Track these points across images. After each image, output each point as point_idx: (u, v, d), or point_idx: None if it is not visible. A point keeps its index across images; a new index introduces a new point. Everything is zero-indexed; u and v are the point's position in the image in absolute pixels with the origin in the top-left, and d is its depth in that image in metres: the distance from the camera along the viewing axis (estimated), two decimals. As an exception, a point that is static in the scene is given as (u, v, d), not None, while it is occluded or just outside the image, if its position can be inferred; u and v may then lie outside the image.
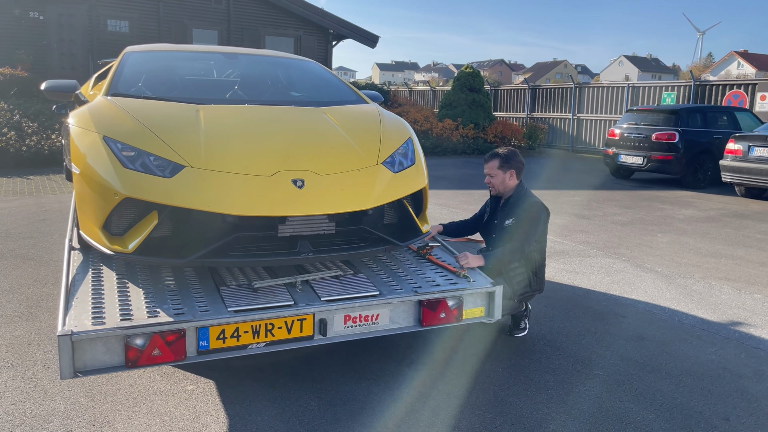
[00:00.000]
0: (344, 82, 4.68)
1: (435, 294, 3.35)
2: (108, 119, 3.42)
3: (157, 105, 3.65)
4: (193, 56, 4.68)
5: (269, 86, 4.50)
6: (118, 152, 3.16)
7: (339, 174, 3.32)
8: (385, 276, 3.58)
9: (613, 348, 3.93)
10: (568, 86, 20.10)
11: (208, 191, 3.02)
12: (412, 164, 3.68)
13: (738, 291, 5.22)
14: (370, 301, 3.22)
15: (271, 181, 3.13)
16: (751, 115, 12.91)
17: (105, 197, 3.08)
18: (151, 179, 3.05)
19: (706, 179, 11.78)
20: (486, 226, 4.20)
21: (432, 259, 3.84)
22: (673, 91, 17.05)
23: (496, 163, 3.99)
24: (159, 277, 3.33)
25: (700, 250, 6.73)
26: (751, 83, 15.57)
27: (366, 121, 3.92)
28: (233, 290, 3.20)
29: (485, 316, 3.56)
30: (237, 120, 3.61)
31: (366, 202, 3.27)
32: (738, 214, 9.10)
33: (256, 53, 4.92)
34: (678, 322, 4.45)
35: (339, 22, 21.56)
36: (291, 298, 3.15)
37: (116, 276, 3.33)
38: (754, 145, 9.88)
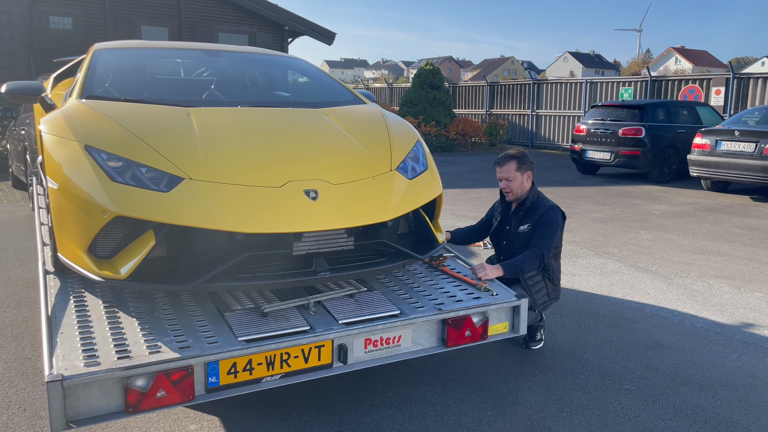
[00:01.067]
0: (337, 81, 4.35)
1: (460, 311, 3.08)
2: (87, 126, 3.01)
3: (142, 108, 3.25)
4: (172, 54, 4.26)
5: (259, 86, 4.13)
6: (103, 163, 2.76)
7: (353, 183, 3.00)
8: (401, 292, 3.28)
9: (635, 358, 3.74)
10: (527, 83, 20.16)
11: (212, 206, 2.66)
12: (425, 169, 3.39)
13: (738, 290, 5.14)
14: (393, 322, 2.92)
15: (282, 192, 2.79)
16: (710, 109, 13.13)
17: (91, 216, 2.68)
18: (144, 194, 2.66)
19: (671, 173, 11.91)
20: (497, 232, 3.95)
21: (447, 270, 3.57)
22: (630, 87, 17.28)
23: (513, 165, 3.74)
24: (153, 304, 2.95)
25: (686, 246, 6.67)
26: (706, 78, 15.89)
27: (371, 123, 3.61)
28: (240, 316, 2.85)
29: (509, 331, 3.31)
30: (233, 124, 3.24)
31: (385, 213, 2.97)
32: (709, 208, 9.17)
33: (239, 50, 4.53)
34: (690, 326, 4.31)
35: (294, 19, 21.06)
36: (306, 323, 2.82)
37: (102, 304, 2.93)
38: (721, 140, 9.99)
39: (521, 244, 3.74)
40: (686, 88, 15.96)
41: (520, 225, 3.76)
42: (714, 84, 15.44)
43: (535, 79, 19.90)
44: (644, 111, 11.78)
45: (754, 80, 14.82)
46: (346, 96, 4.12)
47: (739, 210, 9.01)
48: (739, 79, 15.01)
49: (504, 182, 3.74)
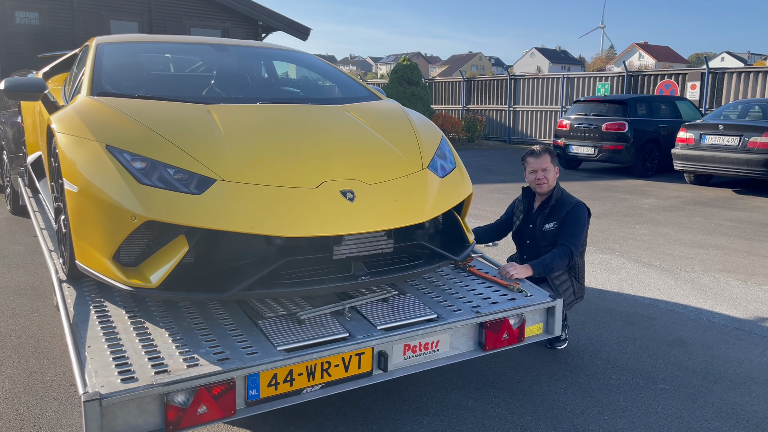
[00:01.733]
0: (350, 76, 4.21)
1: (498, 314, 2.98)
2: (106, 124, 2.82)
3: (160, 106, 3.07)
4: (178, 48, 4.06)
5: (272, 82, 3.97)
6: (127, 164, 2.59)
7: (388, 182, 2.88)
8: (433, 294, 3.17)
9: (662, 355, 3.70)
10: (503, 78, 20.22)
11: (249, 209, 2.51)
12: (454, 167, 3.29)
13: (744, 283, 5.16)
14: (432, 327, 2.81)
15: (319, 194, 2.66)
16: (689, 103, 13.31)
17: (117, 221, 2.51)
18: (176, 197, 2.50)
19: (653, 167, 12.03)
20: (520, 231, 3.86)
21: (475, 271, 3.47)
22: (606, 82, 17.44)
23: (548, 157, 3.67)
24: (179, 313, 2.78)
25: (683, 240, 6.71)
26: (681, 73, 16.13)
27: (395, 119, 3.48)
28: (274, 324, 2.70)
29: (543, 333, 3.23)
30: (257, 122, 3.09)
31: (422, 213, 2.85)
32: (696, 201, 9.27)
33: (246, 44, 4.36)
34: (707, 321, 4.30)
35: (268, 14, 20.73)
36: (344, 329, 2.70)
37: (126, 313, 2.75)
38: (705, 134, 10.11)
39: (547, 242, 3.66)
40: (662, 83, 16.18)
41: (546, 223, 3.68)
42: (689, 79, 15.68)
43: (512, 75, 19.96)
44: (627, 106, 11.87)
45: (729, 75, 15.09)
46: (362, 91, 3.98)
47: (725, 203, 9.12)
48: (714, 74, 15.26)
49: (540, 173, 3.66)
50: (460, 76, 21.72)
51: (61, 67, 4.92)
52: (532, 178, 3.73)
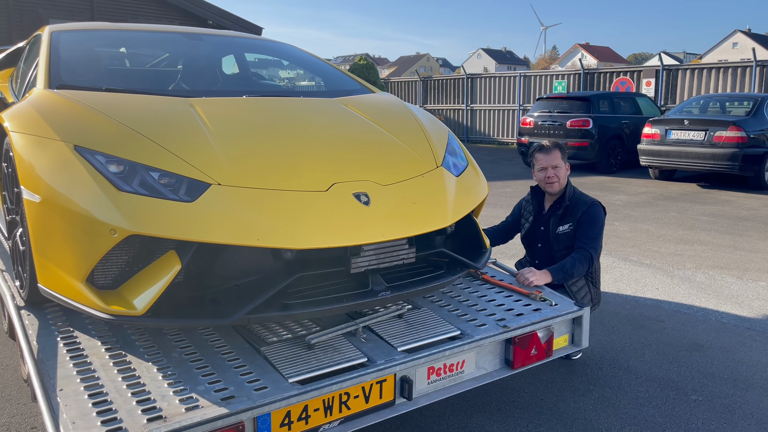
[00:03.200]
0: (337, 68, 3.84)
1: (526, 327, 2.67)
2: (71, 121, 2.38)
3: (133, 99, 2.64)
4: (146, 37, 3.60)
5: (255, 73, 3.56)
6: (102, 168, 2.16)
7: (403, 182, 2.54)
8: (451, 307, 2.84)
9: (683, 362, 3.47)
10: (461, 77, 20.10)
11: (252, 218, 2.12)
12: (467, 164, 2.97)
13: (740, 279, 5.03)
14: (459, 346, 2.48)
15: (330, 198, 2.29)
16: (648, 100, 13.43)
17: (93, 236, 2.08)
18: (163, 206, 2.09)
19: (617, 163, 12.04)
20: (530, 235, 3.57)
21: (489, 279, 3.16)
22: (563, 80, 17.52)
23: (558, 153, 3.39)
24: (166, 342, 2.36)
25: (665, 236, 6.59)
26: (636, 70, 16.32)
27: (399, 114, 3.14)
28: (280, 350, 2.32)
29: (570, 345, 2.94)
30: (246, 117, 2.70)
31: (445, 217, 2.52)
32: (665, 196, 9.25)
33: (222, 34, 3.93)
34: (717, 321, 4.11)
35: (219, 13, 20.07)
36: (361, 353, 2.34)
37: (102, 345, 2.31)
38: (671, 129, 10.13)
39: (562, 246, 3.38)
40: (618, 80, 16.33)
41: (560, 225, 3.40)
42: (644, 76, 15.86)
43: (468, 74, 19.86)
44: (590, 103, 11.84)
45: (683, 71, 15.33)
46: (353, 84, 3.62)
47: (694, 197, 9.12)
48: (668, 71, 15.48)
49: (550, 171, 3.37)
50: (417, 76, 21.52)
51: (7, 61, 4.38)
52: (542, 176, 3.45)
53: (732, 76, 14.39)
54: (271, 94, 3.11)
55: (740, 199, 8.94)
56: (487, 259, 2.85)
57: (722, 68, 14.69)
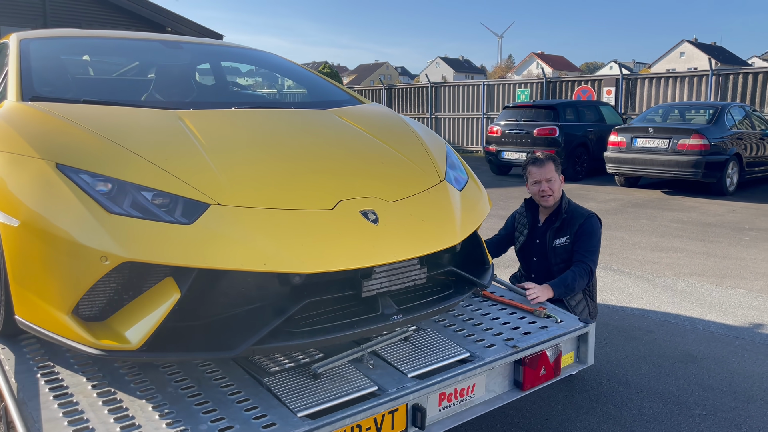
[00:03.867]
0: (322, 77, 3.69)
1: (536, 346, 2.58)
2: (50, 136, 2.19)
3: (116, 112, 2.45)
4: (122, 45, 3.38)
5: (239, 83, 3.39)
6: (88, 188, 1.98)
7: (409, 198, 2.42)
8: (455, 327, 2.73)
9: (680, 374, 3.44)
10: (425, 86, 20.14)
11: (257, 240, 1.97)
12: (467, 178, 2.87)
13: (719, 287, 5.07)
14: (471, 370, 2.36)
15: (336, 216, 2.15)
16: (611, 108, 13.66)
17: (82, 263, 1.89)
18: (159, 229, 1.92)
19: (583, 171, 12.19)
20: (526, 248, 3.48)
21: (489, 296, 3.05)
22: (526, 88, 17.71)
23: (552, 165, 3.31)
24: (159, 376, 2.18)
25: (640, 244, 6.63)
26: (597, 79, 16.62)
27: (396, 126, 3.02)
28: (284, 381, 2.16)
29: (575, 363, 2.86)
30: (239, 130, 2.54)
31: (454, 234, 2.41)
32: (633, 203, 9.37)
33: (201, 42, 3.74)
34: (705, 331, 4.11)
35: (177, 19, 19.63)
36: (371, 381, 2.20)
37: (88, 382, 2.11)
38: (636, 137, 10.29)
39: (559, 259, 3.31)
40: (579, 88, 16.59)
41: (556, 238, 3.33)
42: (605, 84, 16.16)
43: (432, 83, 19.92)
44: (557, 111, 11.96)
45: (641, 81, 15.67)
46: (341, 94, 3.49)
47: (661, 204, 9.27)
48: (628, 80, 15.81)
49: (544, 184, 3.29)
50: (381, 84, 21.47)
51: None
52: (536, 189, 3.37)
53: (689, 85, 14.77)
54: (260, 106, 2.96)
55: (704, 206, 9.11)
56: (491, 276, 2.75)
57: (679, 77, 15.08)
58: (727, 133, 9.90)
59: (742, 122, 10.54)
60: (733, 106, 10.57)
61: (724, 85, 14.18)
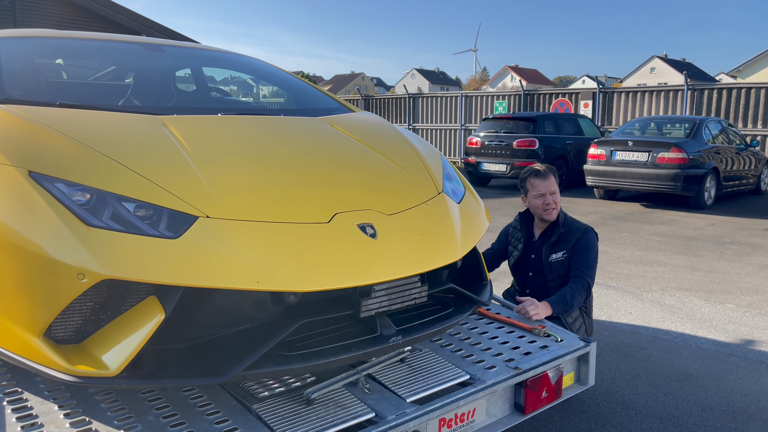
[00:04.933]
0: (311, 84, 3.55)
1: (538, 368, 2.46)
2: (22, 141, 2.01)
3: (95, 116, 2.28)
4: (100, 47, 3.20)
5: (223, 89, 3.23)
6: (64, 198, 1.81)
7: (408, 211, 2.28)
8: (453, 347, 2.59)
9: (677, 394, 3.35)
10: (403, 96, 20.11)
11: (249, 256, 1.81)
12: (464, 190, 2.75)
13: (707, 302, 5.03)
14: (473, 394, 2.23)
15: (333, 230, 2.01)
16: (589, 121, 13.74)
17: (56, 281, 1.72)
18: (142, 243, 1.76)
19: (562, 183, 12.15)
20: (520, 263, 3.37)
21: (486, 313, 2.93)
22: (504, 100, 17.77)
23: (553, 178, 3.21)
24: (138, 403, 2.00)
25: (624, 257, 6.59)
26: (574, 92, 16.74)
27: (389, 135, 2.89)
28: (275, 408, 2.00)
29: (576, 384, 2.75)
30: (226, 137, 2.38)
31: (455, 249, 2.28)
32: (614, 216, 9.37)
33: (183, 45, 3.57)
34: (697, 347, 4.04)
35: (152, 26, 19.32)
36: (367, 407, 2.06)
37: (60, 410, 1.93)
38: (616, 150, 10.32)
39: (556, 275, 3.21)
40: (557, 101, 16.69)
41: (552, 253, 3.22)
42: (582, 98, 16.29)
43: (410, 94, 19.90)
44: (536, 123, 11.97)
45: (618, 94, 15.83)
46: (330, 102, 3.35)
47: (641, 217, 9.28)
48: (605, 93, 15.95)
49: (549, 197, 3.18)
50: (359, 95, 21.39)
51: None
52: (539, 203, 3.25)
53: (664, 99, 14.96)
54: (248, 112, 2.81)
55: (684, 219, 9.15)
56: (490, 293, 2.63)
57: (655, 91, 15.26)
58: (704, 147, 9.99)
59: (718, 136, 10.66)
60: (710, 120, 10.68)
61: (699, 99, 14.38)
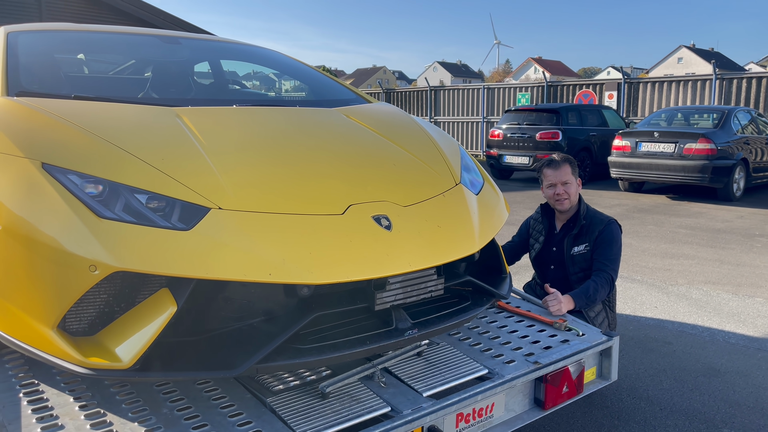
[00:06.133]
0: (328, 75, 3.52)
1: (559, 362, 2.40)
2: (36, 133, 2.01)
3: (109, 109, 2.27)
4: (117, 40, 3.20)
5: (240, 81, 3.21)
6: (77, 190, 1.80)
7: (424, 203, 2.24)
8: (471, 341, 2.55)
9: (704, 389, 3.26)
10: (424, 89, 20.00)
11: (262, 248, 1.79)
12: (483, 181, 2.69)
13: (736, 295, 4.90)
14: (491, 389, 2.18)
15: (347, 222, 1.98)
16: (614, 112, 13.51)
17: (68, 273, 1.71)
18: (154, 234, 1.74)
19: (586, 175, 12.02)
20: (542, 256, 3.31)
21: (505, 306, 2.88)
22: (527, 92, 17.58)
23: (568, 168, 3.15)
24: (153, 395, 1.99)
25: (650, 250, 6.47)
26: (599, 83, 16.49)
27: (406, 126, 2.85)
28: (289, 401, 1.98)
29: (598, 379, 2.68)
30: (241, 129, 2.36)
31: (473, 241, 2.23)
32: (639, 209, 9.21)
33: (199, 37, 3.57)
34: (725, 342, 3.93)
35: (174, 22, 19.40)
36: (382, 401, 2.02)
37: (75, 402, 1.93)
38: (641, 141, 10.13)
39: (578, 268, 3.14)
40: (581, 92, 16.45)
41: (575, 245, 3.15)
42: (607, 88, 16.03)
43: (432, 86, 19.78)
44: (559, 115, 11.81)
45: (644, 84, 15.55)
46: (347, 93, 3.31)
47: (667, 210, 9.11)
48: (630, 84, 15.68)
49: (560, 187, 3.13)
50: (380, 88, 21.33)
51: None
52: (551, 193, 3.20)
53: (692, 89, 14.65)
54: (264, 103, 2.78)
55: (712, 211, 8.95)
56: (510, 286, 2.57)
57: (682, 81, 14.95)
58: (733, 137, 9.76)
59: (748, 126, 10.40)
60: (739, 110, 10.43)
61: (727, 89, 14.06)
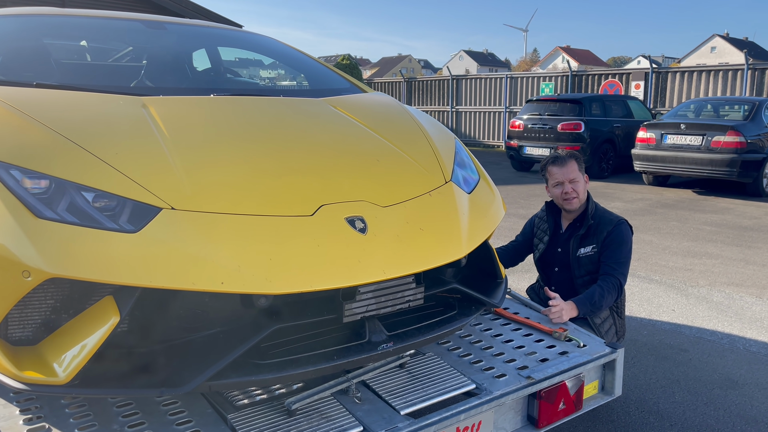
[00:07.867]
0: (324, 64, 3.34)
1: (555, 377, 2.20)
2: (-20, 124, 1.86)
3: (70, 97, 2.13)
4: (96, 25, 3.06)
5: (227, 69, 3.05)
6: (17, 187, 1.65)
7: (407, 203, 2.05)
8: (460, 351, 2.36)
9: (719, 403, 3.03)
10: (446, 78, 19.68)
11: (214, 253, 1.62)
12: (478, 178, 2.49)
13: (760, 299, 4.62)
14: (477, 405, 2.00)
15: (316, 224, 1.80)
16: (640, 103, 13.09)
17: (3, 277, 1.57)
18: (98, 237, 1.58)
19: (609, 168, 11.68)
20: (546, 257, 3.10)
21: (502, 312, 2.68)
22: (551, 81, 17.17)
23: (574, 164, 2.93)
24: (106, 408, 1.84)
25: (671, 248, 6.18)
26: (625, 73, 16.02)
27: (397, 117, 2.66)
28: (252, 418, 1.82)
29: (600, 394, 2.48)
30: (214, 121, 2.19)
31: (459, 245, 2.04)
32: (662, 204, 8.88)
33: (187, 23, 3.41)
34: (745, 350, 3.68)
35: (198, 11, 19.39)
36: (355, 420, 1.85)
37: (21, 415, 1.79)
38: (666, 133, 9.77)
39: (584, 270, 2.93)
40: (606, 82, 16.01)
41: (581, 247, 2.94)
42: (633, 78, 15.57)
43: (454, 75, 19.45)
44: (582, 105, 11.46)
45: (672, 74, 15.06)
46: (341, 82, 3.13)
47: (692, 205, 8.77)
48: (658, 74, 15.20)
49: (567, 185, 2.91)
50: (401, 77, 21.06)
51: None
52: (558, 192, 2.98)
53: (723, 79, 14.14)
54: (243, 93, 2.61)
55: (740, 207, 8.59)
56: (504, 293, 2.37)
57: (712, 71, 14.44)
58: (764, 130, 9.34)
59: (780, 119, 9.95)
60: (771, 101, 9.98)
61: (760, 80, 13.53)
